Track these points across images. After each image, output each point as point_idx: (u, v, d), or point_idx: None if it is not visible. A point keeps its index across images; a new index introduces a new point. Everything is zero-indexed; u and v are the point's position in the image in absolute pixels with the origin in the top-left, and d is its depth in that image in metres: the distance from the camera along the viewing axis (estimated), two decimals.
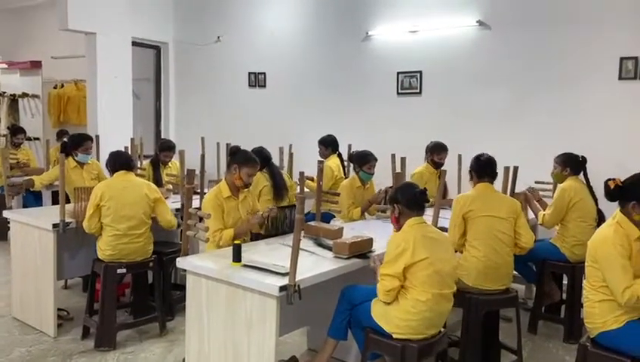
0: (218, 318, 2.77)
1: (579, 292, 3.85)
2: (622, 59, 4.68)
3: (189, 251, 3.04)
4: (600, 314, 2.50)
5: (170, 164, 5.24)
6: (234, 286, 2.69)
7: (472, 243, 3.25)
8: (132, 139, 5.38)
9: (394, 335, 2.62)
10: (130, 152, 4.95)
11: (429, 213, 2.97)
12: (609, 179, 2.57)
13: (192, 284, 2.89)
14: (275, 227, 3.55)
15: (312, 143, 5.50)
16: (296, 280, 2.50)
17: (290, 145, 5.97)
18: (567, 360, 3.63)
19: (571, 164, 4.04)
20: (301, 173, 3.82)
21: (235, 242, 2.86)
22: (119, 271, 3.67)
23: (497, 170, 3.46)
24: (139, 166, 5.15)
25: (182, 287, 3.72)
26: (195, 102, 7.74)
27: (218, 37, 7.33)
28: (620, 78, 4.70)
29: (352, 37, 6.28)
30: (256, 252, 3.07)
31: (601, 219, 3.85)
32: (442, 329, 2.75)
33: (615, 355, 2.45)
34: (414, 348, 2.56)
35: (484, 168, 3.40)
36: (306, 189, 5.06)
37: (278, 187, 4.18)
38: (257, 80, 7.12)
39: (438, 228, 3.03)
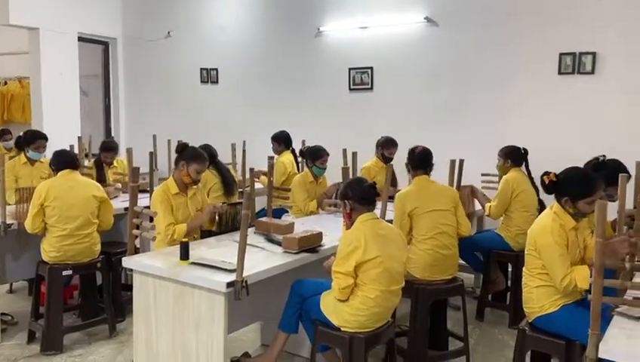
0: (166, 317, 2.75)
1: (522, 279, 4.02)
2: (561, 54, 4.88)
3: (139, 250, 2.99)
4: (537, 300, 2.61)
5: (116, 162, 5.13)
6: (182, 284, 2.67)
7: (418, 238, 3.33)
8: (79, 138, 5.23)
9: (342, 329, 2.66)
10: (77, 151, 4.82)
11: (377, 207, 3.00)
12: (544, 174, 2.67)
13: (139, 284, 2.85)
14: (225, 224, 3.54)
15: (266, 139, 5.50)
16: (244, 275, 2.51)
17: (244, 142, 5.96)
18: (511, 345, 3.71)
19: (513, 157, 4.20)
20: (251, 170, 3.82)
21: (183, 240, 2.84)
22: (65, 273, 3.58)
23: (433, 162, 3.52)
24: (85, 165, 5.02)
25: (132, 287, 3.66)
26: (146, 99, 7.59)
27: (168, 32, 7.20)
28: (560, 72, 4.91)
29: (304, 33, 6.29)
30: (205, 249, 3.05)
31: (542, 208, 4.01)
32: (389, 320, 2.80)
33: (552, 338, 2.56)
34: (362, 339, 2.61)
35: (419, 160, 3.48)
36: (260, 185, 5.08)
37: (228, 183, 4.17)
38: (209, 76, 7.04)
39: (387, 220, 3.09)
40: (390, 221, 3.26)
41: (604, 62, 4.71)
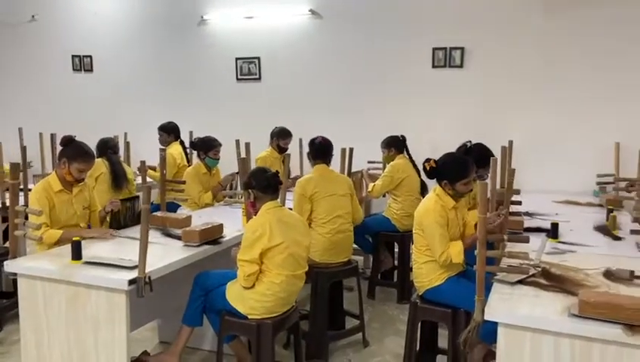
0: (59, 321, 2.58)
1: (408, 258, 4.35)
2: (434, 49, 5.29)
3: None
4: (426, 274, 2.86)
5: None
6: (76, 285, 2.52)
7: (317, 222, 3.46)
8: None
9: (249, 316, 2.69)
10: None
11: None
12: (426, 161, 2.92)
13: (25, 288, 2.64)
14: (117, 221, 3.37)
15: (150, 131, 5.29)
16: (147, 271, 2.44)
17: (126, 134, 5.68)
18: (401, 318, 4.06)
19: (394, 145, 4.51)
20: (142, 162, 3.68)
21: (74, 239, 2.67)
22: None
23: (333, 152, 3.70)
24: None
25: (10, 294, 3.36)
26: (9, 88, 6.88)
27: (32, 16, 6.58)
28: (433, 66, 5.32)
29: (187, 21, 6.13)
30: (97, 248, 2.90)
31: (424, 189, 4.37)
32: (294, 304, 2.89)
33: (440, 307, 2.83)
34: (269, 324, 2.67)
35: (318, 151, 3.63)
36: (148, 179, 4.87)
37: (118, 176, 3.96)
38: (83, 64, 6.59)
39: None
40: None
41: (471, 56, 5.19)
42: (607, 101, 4.78)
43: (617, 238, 3.19)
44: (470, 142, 3.77)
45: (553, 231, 3.15)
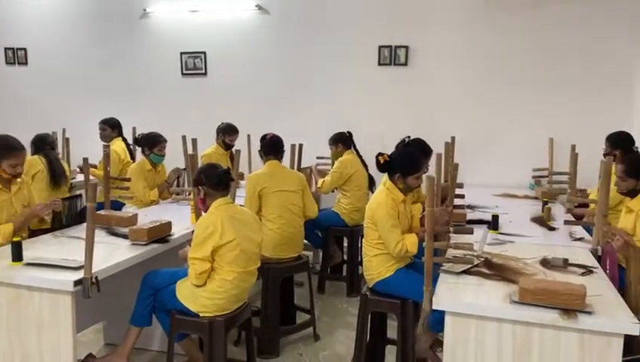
0: (0, 325, 2.46)
1: (357, 252, 4.43)
2: (380, 47, 5.39)
3: None
4: (376, 267, 2.93)
5: None
6: (17, 287, 2.43)
7: (267, 217, 3.47)
8: None
9: (201, 314, 2.67)
10: None
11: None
12: (379, 154, 2.99)
13: None
14: (58, 220, 3.25)
15: (91, 127, 5.10)
16: (93, 271, 2.37)
17: (64, 130, 5.45)
18: (350, 311, 4.14)
19: (341, 141, 4.58)
20: (85, 160, 3.55)
21: (14, 239, 2.56)
22: None
23: (284, 149, 3.73)
24: None
25: None
26: None
27: None
28: (379, 64, 5.42)
29: (128, 14, 5.96)
30: (38, 248, 2.79)
31: (372, 184, 4.46)
32: (245, 301, 2.89)
33: (389, 299, 2.90)
34: (221, 321, 2.65)
35: (268, 147, 3.64)
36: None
37: (56, 174, 3.81)
38: (16, 56, 6.26)
39: None
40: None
41: (416, 55, 5.33)
42: (542, 99, 5.04)
43: (552, 229, 3.39)
44: (409, 137, 3.88)
45: (494, 223, 3.30)
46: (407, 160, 2.96)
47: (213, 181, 2.71)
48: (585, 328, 1.97)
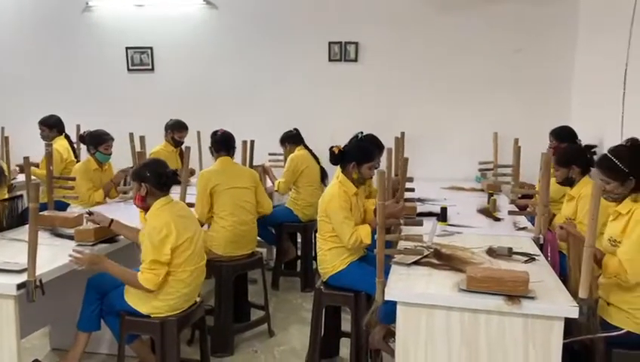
0: None
1: (310, 248, 4.46)
2: (330, 43, 5.42)
3: None
4: (330, 260, 2.96)
5: None
6: None
7: (219, 214, 3.43)
8: None
9: (152, 316, 2.61)
10: None
11: (175, 191, 2.97)
12: (332, 147, 3.02)
13: None
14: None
15: (32, 125, 4.87)
16: (37, 274, 2.28)
17: (3, 128, 5.21)
18: (304, 306, 4.16)
19: (288, 140, 4.62)
20: (26, 158, 3.40)
21: None
22: None
23: (235, 145, 3.69)
24: None
25: None
26: None
27: None
28: (330, 60, 5.45)
29: (70, 7, 5.74)
30: None
31: (324, 178, 4.49)
32: (197, 299, 2.84)
33: (343, 292, 2.94)
34: (174, 321, 2.61)
35: (219, 143, 3.61)
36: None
37: None
38: None
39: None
40: (191, 204, 3.26)
41: (365, 51, 5.39)
42: (486, 95, 5.21)
43: (497, 219, 3.52)
44: (362, 132, 3.94)
45: (442, 215, 3.40)
46: (361, 150, 3.03)
47: (160, 181, 2.61)
48: (528, 313, 2.06)
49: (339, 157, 2.98)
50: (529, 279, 2.11)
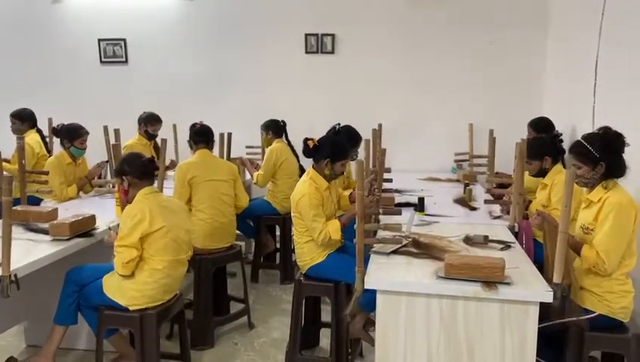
0: None
1: (289, 240, 4.46)
2: (306, 35, 5.41)
3: None
4: (308, 253, 2.97)
5: None
6: None
7: (198, 207, 3.41)
8: None
9: (131, 308, 2.59)
10: None
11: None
12: (307, 139, 3.02)
13: None
14: None
15: (4, 121, 4.75)
16: (12, 269, 2.24)
17: None
18: (284, 298, 4.17)
19: (273, 128, 4.57)
20: None
21: None
22: None
23: (214, 138, 3.68)
24: None
25: None
26: None
27: None
28: (306, 52, 5.44)
29: None
30: None
31: (303, 172, 4.48)
32: (177, 293, 2.84)
33: (322, 283, 2.95)
34: (153, 314, 2.60)
35: (198, 135, 3.59)
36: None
37: None
38: None
39: None
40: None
41: (342, 43, 5.40)
42: (461, 87, 5.27)
43: (473, 209, 3.58)
44: (339, 124, 3.95)
45: (420, 205, 3.44)
46: (335, 146, 3.02)
47: (138, 170, 2.64)
48: (504, 298, 2.11)
49: (312, 151, 2.98)
50: (505, 265, 2.16)
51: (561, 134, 3.35)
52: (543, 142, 3.29)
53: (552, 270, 2.16)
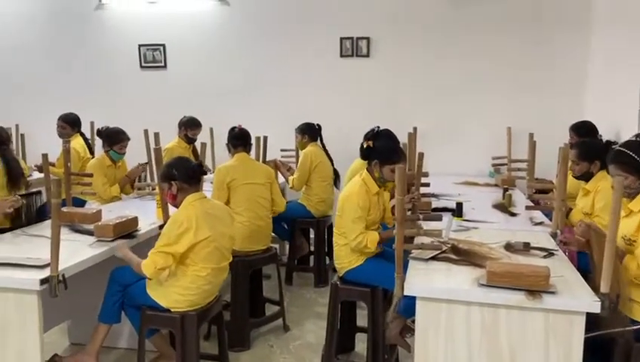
0: None
1: (323, 243, 4.47)
2: (342, 39, 5.41)
3: None
4: (346, 256, 2.96)
5: None
6: None
7: (236, 210, 3.45)
8: None
9: (172, 310, 2.63)
10: None
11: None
12: (366, 139, 3.02)
13: None
14: (19, 219, 3.14)
15: (46, 122, 4.92)
16: (60, 269, 2.31)
17: (17, 126, 5.26)
18: (319, 301, 4.18)
19: (309, 132, 4.59)
20: (44, 155, 3.43)
21: None
22: None
23: (251, 141, 3.73)
24: None
25: None
26: None
27: None
28: (342, 55, 5.45)
29: (83, 6, 5.77)
30: (0, 248, 2.69)
31: (337, 177, 4.50)
32: (217, 295, 2.87)
33: (359, 287, 2.95)
34: (193, 316, 2.63)
35: (237, 139, 3.64)
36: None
37: (14, 173, 3.64)
38: None
39: None
40: None
41: (377, 46, 5.38)
42: (500, 91, 5.19)
43: (513, 214, 3.51)
44: (378, 127, 3.94)
45: (458, 210, 3.39)
46: (389, 149, 3.02)
47: (187, 175, 2.66)
48: (549, 308, 2.06)
49: (367, 151, 2.98)
50: (550, 274, 2.11)
51: (616, 143, 3.24)
52: (597, 146, 3.19)
53: (600, 279, 2.10)
